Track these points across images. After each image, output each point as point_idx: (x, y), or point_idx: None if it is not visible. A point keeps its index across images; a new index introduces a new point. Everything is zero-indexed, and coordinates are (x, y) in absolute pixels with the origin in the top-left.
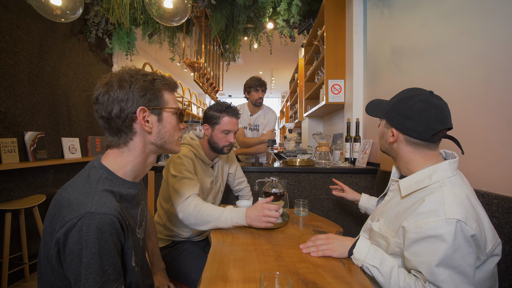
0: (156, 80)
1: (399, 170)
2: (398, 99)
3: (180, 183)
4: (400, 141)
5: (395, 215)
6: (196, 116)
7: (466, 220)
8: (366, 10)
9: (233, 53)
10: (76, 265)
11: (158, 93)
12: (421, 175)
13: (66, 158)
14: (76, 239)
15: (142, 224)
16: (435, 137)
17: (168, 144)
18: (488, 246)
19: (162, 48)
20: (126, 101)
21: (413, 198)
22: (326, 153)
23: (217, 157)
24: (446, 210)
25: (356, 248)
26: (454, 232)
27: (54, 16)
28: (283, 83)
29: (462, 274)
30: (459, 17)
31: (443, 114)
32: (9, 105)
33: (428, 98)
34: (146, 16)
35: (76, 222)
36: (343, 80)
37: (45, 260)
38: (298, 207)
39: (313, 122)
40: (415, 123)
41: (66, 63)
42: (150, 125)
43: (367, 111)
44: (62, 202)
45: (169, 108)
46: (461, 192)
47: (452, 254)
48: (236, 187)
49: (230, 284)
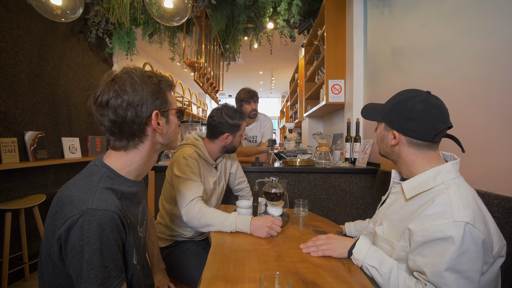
0: (162, 82)
1: (400, 173)
2: (397, 101)
3: (184, 184)
4: (402, 143)
5: (399, 218)
6: (196, 116)
7: (474, 223)
8: (366, 10)
9: (233, 53)
10: (78, 261)
11: (164, 96)
12: (424, 177)
13: (66, 158)
14: (77, 235)
15: (143, 223)
16: (437, 136)
17: (172, 142)
18: (494, 248)
19: (162, 48)
20: (141, 106)
21: (419, 200)
22: (326, 153)
23: (219, 157)
24: (453, 213)
25: (355, 248)
26: (462, 235)
27: (54, 16)
28: (283, 83)
29: (468, 280)
30: (460, 17)
31: (444, 113)
32: (9, 104)
33: (428, 98)
34: (146, 16)
35: (77, 219)
36: (343, 80)
37: (46, 258)
38: (298, 207)
39: (313, 122)
40: (417, 124)
41: (66, 62)
42: (161, 127)
43: (363, 115)
44: (64, 200)
45: (173, 109)
46: (467, 194)
47: (459, 258)
48: (236, 187)
49: (230, 284)
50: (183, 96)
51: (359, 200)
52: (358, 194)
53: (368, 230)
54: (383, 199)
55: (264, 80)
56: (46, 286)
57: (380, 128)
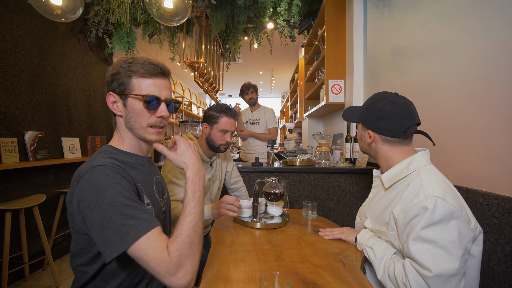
0: (131, 65)
1: (381, 168)
2: (369, 103)
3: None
4: (377, 140)
5: (381, 208)
6: (196, 116)
7: (444, 197)
8: (366, 10)
9: (233, 53)
10: (98, 213)
11: (125, 79)
12: (399, 167)
13: (66, 158)
14: (90, 189)
15: (163, 194)
16: (407, 133)
17: (135, 130)
18: (471, 221)
19: (162, 48)
20: (106, 86)
21: (396, 188)
22: (326, 153)
23: (214, 155)
24: (425, 191)
25: (360, 234)
26: (433, 207)
27: (54, 16)
28: (283, 83)
29: (444, 250)
30: (459, 17)
31: (410, 111)
32: (9, 104)
33: (395, 99)
34: (146, 16)
35: (83, 174)
36: (343, 80)
37: (76, 235)
38: (307, 210)
39: (313, 122)
40: (387, 123)
41: (66, 63)
42: (117, 108)
43: (344, 117)
44: (76, 173)
45: (132, 94)
46: (436, 177)
47: (429, 227)
48: (232, 186)
49: (230, 284)
50: (183, 96)
51: (359, 200)
52: (358, 194)
53: (357, 226)
54: None
55: (264, 80)
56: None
57: (358, 128)
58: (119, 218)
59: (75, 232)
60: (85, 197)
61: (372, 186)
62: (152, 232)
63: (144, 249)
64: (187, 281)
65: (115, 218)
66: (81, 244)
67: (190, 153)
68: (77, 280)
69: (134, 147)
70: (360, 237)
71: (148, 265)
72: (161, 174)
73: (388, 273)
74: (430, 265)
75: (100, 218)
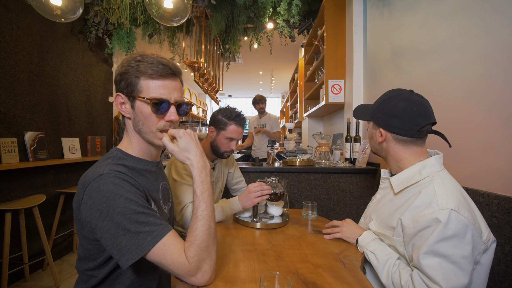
0: (140, 64)
1: (390, 169)
2: (382, 100)
3: (180, 189)
4: (388, 140)
5: (388, 211)
6: (196, 116)
7: (458, 209)
8: (366, 10)
9: (233, 53)
10: (110, 221)
11: (134, 80)
12: (411, 171)
13: (66, 158)
14: (99, 198)
15: (169, 200)
16: (421, 132)
17: (144, 134)
18: (484, 234)
19: (162, 48)
20: (115, 85)
21: (406, 194)
22: (326, 153)
23: (216, 158)
24: (439, 202)
25: (361, 236)
26: (446, 220)
27: (54, 16)
28: (283, 83)
29: (455, 265)
30: (459, 17)
31: (425, 109)
32: (9, 105)
33: (409, 96)
34: (146, 16)
35: (90, 182)
36: (343, 80)
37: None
38: (307, 209)
39: (313, 122)
40: (400, 121)
41: (66, 63)
42: (126, 110)
43: (355, 115)
44: (82, 180)
45: (139, 97)
46: (451, 185)
47: (443, 241)
48: (234, 186)
49: (230, 284)
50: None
51: (359, 200)
52: (358, 194)
53: (361, 226)
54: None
55: (264, 80)
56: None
57: (369, 126)
58: (133, 226)
59: (84, 237)
60: (94, 206)
61: (379, 187)
62: (167, 236)
63: (162, 253)
64: (206, 280)
65: (129, 226)
66: (89, 250)
67: (193, 146)
68: (83, 282)
69: (143, 151)
70: (362, 239)
71: (168, 268)
72: (167, 179)
73: (392, 280)
74: (440, 281)
75: (114, 227)
